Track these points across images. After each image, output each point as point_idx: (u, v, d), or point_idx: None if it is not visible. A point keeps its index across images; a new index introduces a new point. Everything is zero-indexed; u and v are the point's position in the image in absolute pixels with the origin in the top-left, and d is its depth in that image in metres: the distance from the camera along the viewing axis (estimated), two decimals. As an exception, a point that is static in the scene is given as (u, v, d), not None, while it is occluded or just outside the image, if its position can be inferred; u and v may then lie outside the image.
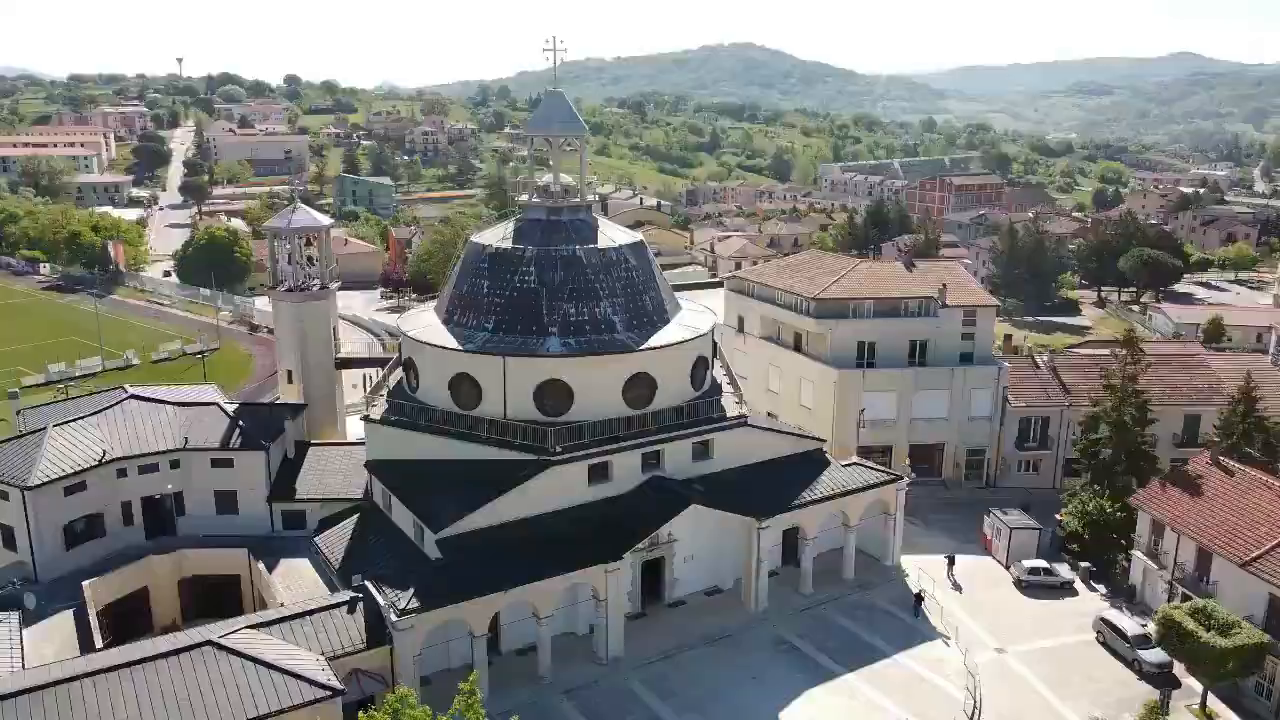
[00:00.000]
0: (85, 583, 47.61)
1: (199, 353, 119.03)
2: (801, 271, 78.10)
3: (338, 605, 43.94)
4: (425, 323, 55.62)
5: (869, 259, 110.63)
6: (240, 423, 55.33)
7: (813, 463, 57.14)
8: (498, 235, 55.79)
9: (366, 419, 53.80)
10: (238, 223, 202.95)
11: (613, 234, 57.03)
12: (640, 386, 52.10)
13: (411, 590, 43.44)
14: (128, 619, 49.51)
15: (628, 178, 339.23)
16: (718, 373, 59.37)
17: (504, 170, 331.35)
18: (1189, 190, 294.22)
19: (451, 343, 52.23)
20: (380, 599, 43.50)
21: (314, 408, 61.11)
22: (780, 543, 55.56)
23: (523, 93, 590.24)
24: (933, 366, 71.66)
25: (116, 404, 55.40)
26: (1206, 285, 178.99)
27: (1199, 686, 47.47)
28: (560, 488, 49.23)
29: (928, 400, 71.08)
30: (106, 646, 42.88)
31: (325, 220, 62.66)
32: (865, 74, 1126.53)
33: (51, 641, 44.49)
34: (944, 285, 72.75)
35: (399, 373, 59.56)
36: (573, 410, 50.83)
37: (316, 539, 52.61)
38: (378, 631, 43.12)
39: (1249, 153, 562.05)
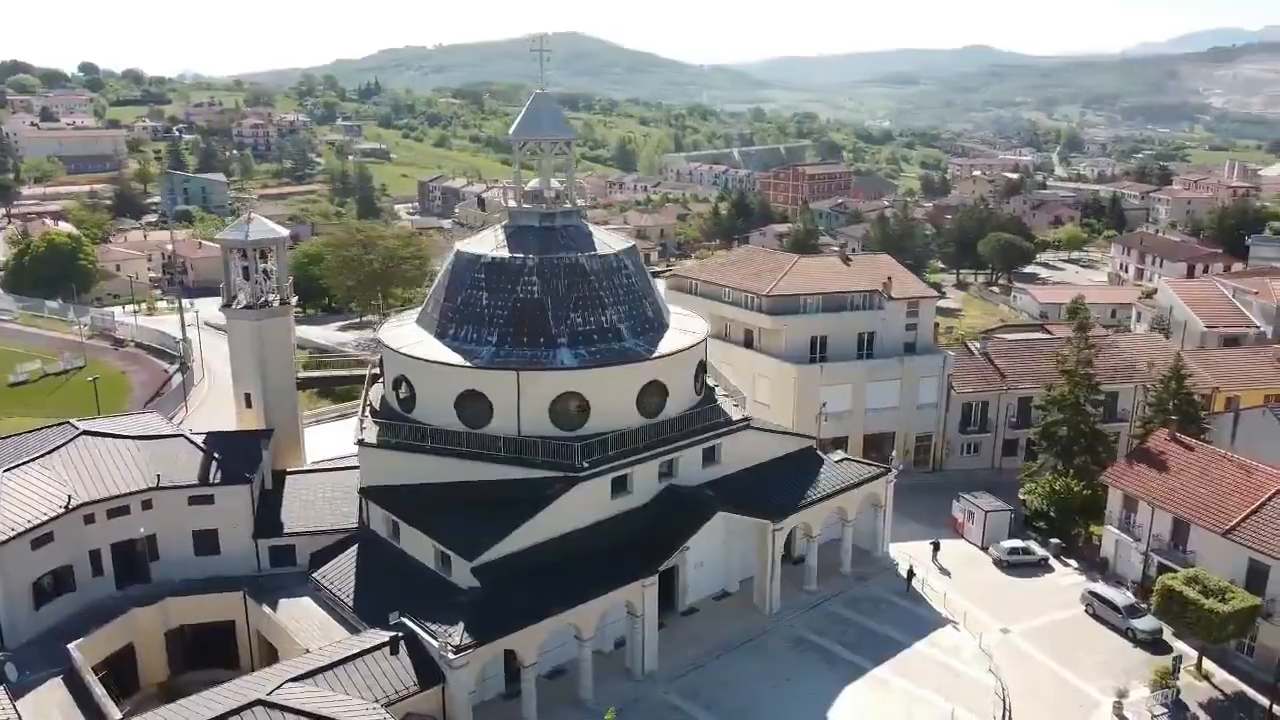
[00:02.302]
0: (73, 645, 42.60)
1: (63, 372, 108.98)
2: (743, 268, 78.79)
3: (378, 647, 41.24)
4: (414, 338, 52.76)
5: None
6: (215, 454, 50.90)
7: (808, 460, 57.90)
8: (490, 244, 53.47)
9: (361, 443, 50.60)
10: (66, 226, 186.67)
11: (607, 239, 55.83)
12: (653, 395, 51.24)
13: (461, 624, 41.24)
14: (113, 680, 44.66)
15: (475, 170, 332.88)
16: (702, 375, 59.15)
17: (344, 163, 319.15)
18: (1013, 176, 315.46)
19: (456, 359, 49.77)
20: (428, 637, 41.11)
21: (278, 432, 56.91)
22: (778, 542, 56.06)
23: (350, 81, 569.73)
24: (880, 358, 73.90)
25: (68, 442, 49.83)
26: (1046, 266, 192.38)
27: (1186, 649, 51.27)
28: (586, 504, 47.80)
29: (879, 391, 73.25)
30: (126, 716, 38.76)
31: (283, 231, 58.36)
32: (690, 64, 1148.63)
33: (50, 716, 39.65)
34: (889, 278, 75.14)
35: (377, 391, 56.76)
36: (589, 423, 49.47)
37: (316, 575, 49.12)
38: (427, 671, 40.78)
39: (1046, 139, 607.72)
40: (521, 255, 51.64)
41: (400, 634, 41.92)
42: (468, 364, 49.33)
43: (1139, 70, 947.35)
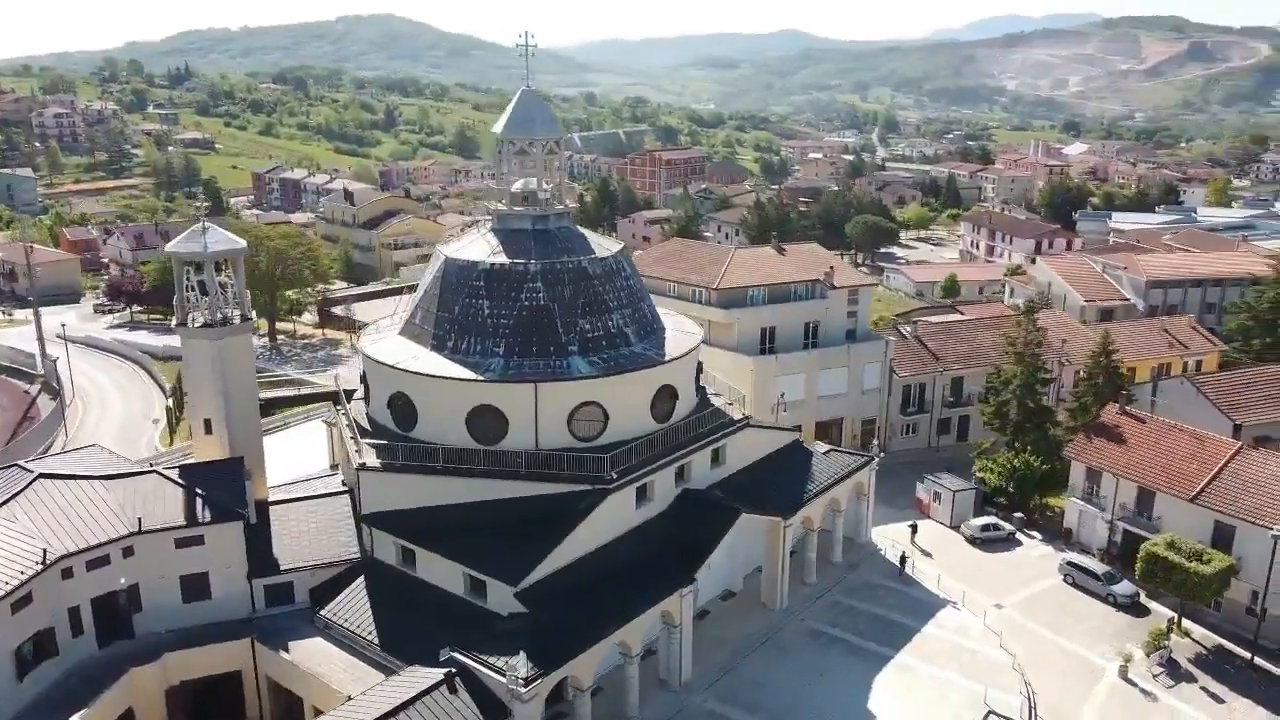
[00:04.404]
0: (76, 718, 38.02)
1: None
2: (682, 262, 78.46)
3: (435, 686, 38.68)
4: (409, 352, 49.68)
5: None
6: (198, 490, 46.36)
7: (799, 454, 58.33)
8: (483, 250, 50.82)
9: (363, 468, 47.25)
10: None
11: (600, 240, 54.26)
12: (665, 399, 50.33)
13: (522, 654, 39.24)
14: (115, 750, 40.33)
15: (311, 160, 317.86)
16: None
17: (166, 155, 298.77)
18: (849, 158, 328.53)
19: (466, 373, 47.18)
20: (490, 671, 38.96)
21: (246, 461, 52.42)
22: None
23: (156, 65, 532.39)
24: (825, 346, 75.35)
25: (26, 487, 44.21)
26: (901, 245, 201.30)
27: (1161, 610, 55.03)
28: (614, 516, 46.50)
29: (829, 378, 74.68)
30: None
31: (241, 241, 53.44)
32: (512, 48, 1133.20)
33: (74, 802, 35.26)
34: (831, 267, 76.69)
35: (357, 409, 53.27)
36: (607, 432, 48.06)
37: (324, 613, 45.61)
38: (491, 707, 38.64)
39: (865, 121, 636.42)
40: (523, 261, 49.41)
41: (453, 670, 39.52)
42: (480, 378, 46.88)
43: (940, 55, 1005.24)
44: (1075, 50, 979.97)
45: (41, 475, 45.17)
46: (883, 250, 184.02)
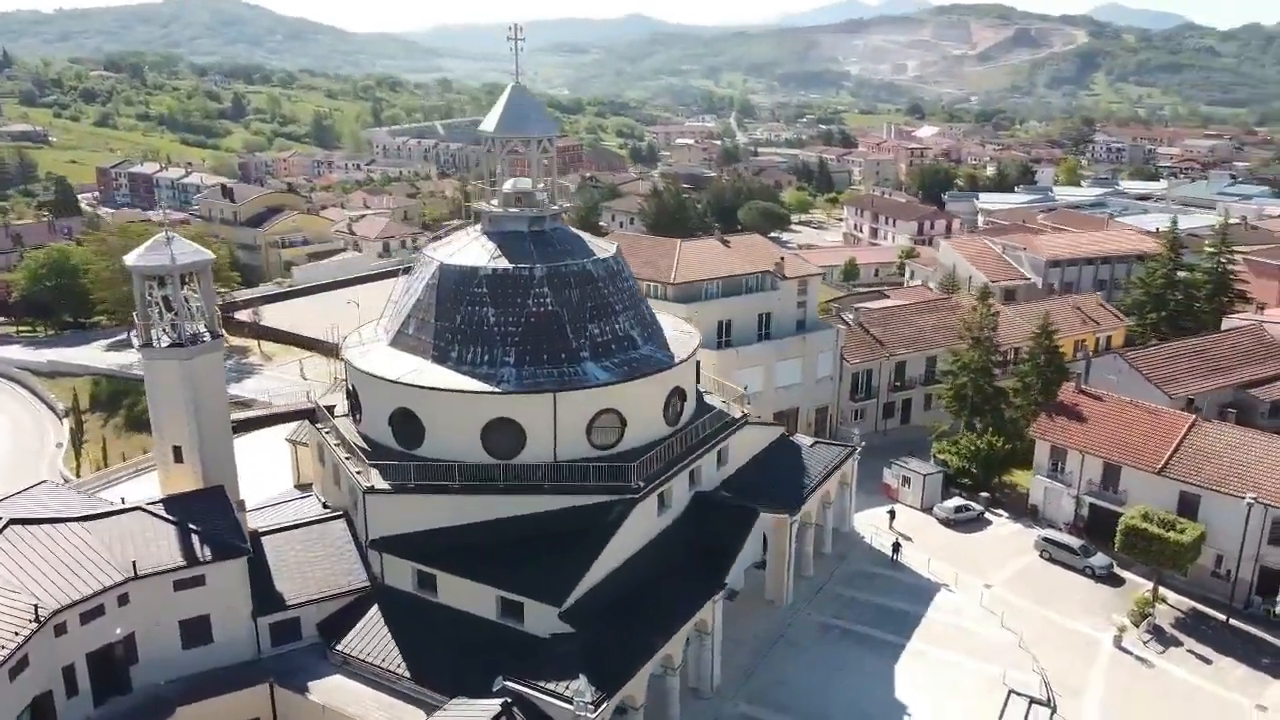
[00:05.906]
0: (100, 791, 34.34)
1: None
2: (631, 257, 75.47)
3: (497, 719, 36.77)
4: (409, 365, 46.87)
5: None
6: (190, 526, 42.50)
7: (789, 449, 58.42)
8: (480, 254, 48.32)
9: (370, 490, 44.34)
10: None
11: (596, 241, 52.57)
12: (675, 402, 49.36)
13: (582, 677, 37.72)
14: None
15: (159, 153, 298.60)
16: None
17: (12, 154, 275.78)
18: (716, 142, 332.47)
19: (478, 385, 44.87)
20: (553, 699, 37.28)
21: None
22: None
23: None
24: (777, 336, 75.73)
25: (-4, 536, 39.55)
26: (786, 229, 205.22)
27: (1134, 579, 57.93)
28: (640, 525, 45.34)
29: (785, 368, 75.14)
30: None
31: (208, 253, 49.05)
32: (354, 32, 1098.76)
33: None
34: (782, 258, 77.07)
35: (343, 426, 50.02)
36: (625, 439, 46.73)
37: (340, 648, 42.69)
38: (552, 735, 37.07)
39: (720, 105, 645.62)
40: (527, 265, 47.33)
41: (509, 700, 37.64)
42: (496, 390, 44.68)
43: (787, 40, 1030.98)
44: (912, 36, 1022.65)
45: (12, 521, 40.43)
46: (770, 235, 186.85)
